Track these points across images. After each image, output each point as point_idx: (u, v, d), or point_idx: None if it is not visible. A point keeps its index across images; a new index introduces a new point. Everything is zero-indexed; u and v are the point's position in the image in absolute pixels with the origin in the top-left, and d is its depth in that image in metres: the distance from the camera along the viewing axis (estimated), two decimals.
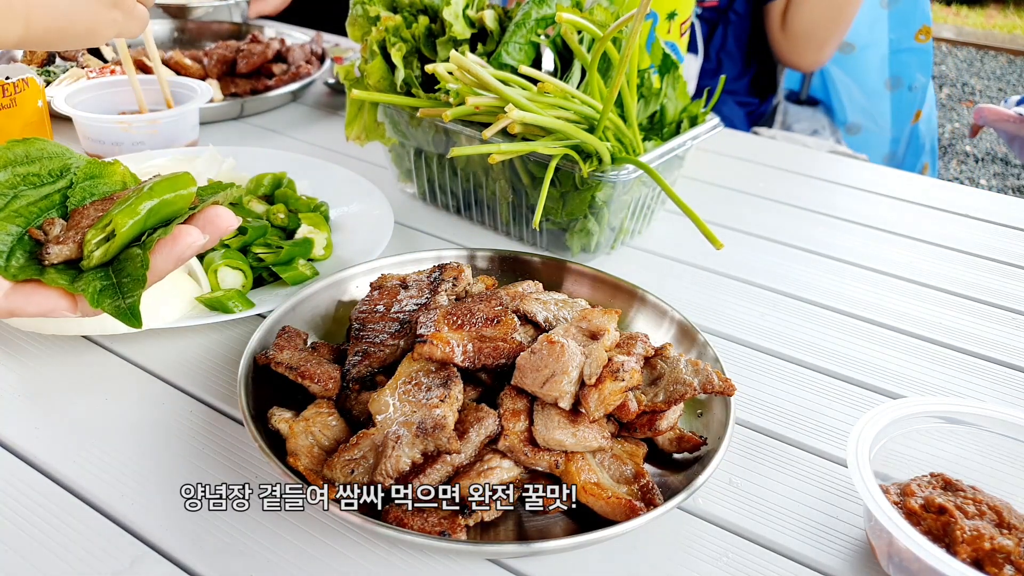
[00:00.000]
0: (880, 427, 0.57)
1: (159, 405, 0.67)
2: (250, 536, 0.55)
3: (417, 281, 0.70)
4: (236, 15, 1.69)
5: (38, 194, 0.50)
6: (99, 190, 0.53)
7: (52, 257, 0.47)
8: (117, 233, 0.47)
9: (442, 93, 0.87)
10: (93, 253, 0.47)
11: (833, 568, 0.55)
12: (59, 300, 0.47)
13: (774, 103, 1.81)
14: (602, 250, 0.92)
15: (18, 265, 0.47)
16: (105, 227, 0.47)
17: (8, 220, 0.49)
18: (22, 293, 0.47)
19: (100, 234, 0.47)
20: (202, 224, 0.50)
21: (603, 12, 0.88)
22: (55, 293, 0.47)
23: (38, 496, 0.57)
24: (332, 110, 1.34)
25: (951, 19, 6.14)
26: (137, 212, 0.47)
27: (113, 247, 0.47)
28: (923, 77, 1.72)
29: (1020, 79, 4.98)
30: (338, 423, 0.58)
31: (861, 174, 1.21)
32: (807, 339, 0.81)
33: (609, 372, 0.54)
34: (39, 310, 0.47)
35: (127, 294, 0.46)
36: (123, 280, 0.46)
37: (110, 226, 0.47)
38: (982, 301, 0.89)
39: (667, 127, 0.96)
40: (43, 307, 0.47)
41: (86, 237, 0.47)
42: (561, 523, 0.56)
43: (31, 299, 0.47)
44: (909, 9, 1.71)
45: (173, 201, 0.49)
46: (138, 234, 0.48)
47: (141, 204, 0.47)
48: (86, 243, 0.47)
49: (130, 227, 0.47)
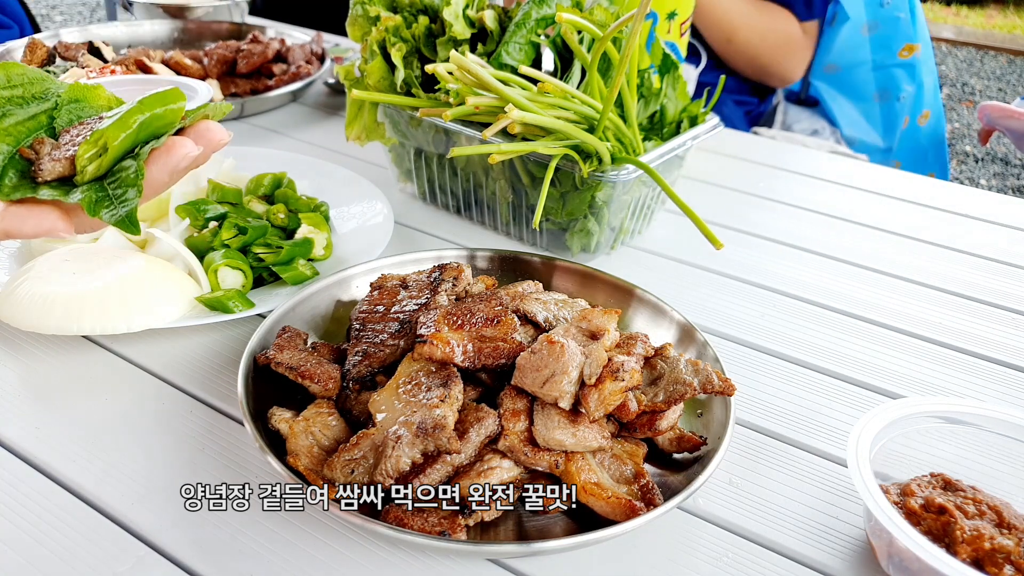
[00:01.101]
0: (880, 427, 0.57)
1: (159, 405, 0.67)
2: (250, 536, 0.55)
3: (417, 281, 0.70)
4: (236, 15, 1.69)
5: (25, 114, 0.50)
6: (85, 112, 0.53)
7: (45, 174, 0.47)
8: (109, 147, 0.46)
9: (442, 93, 0.87)
10: (86, 168, 0.46)
11: (833, 568, 0.55)
12: (56, 219, 0.47)
13: (774, 103, 1.81)
14: (602, 250, 0.92)
15: (11, 184, 0.46)
16: (97, 141, 0.46)
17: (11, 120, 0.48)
18: (17, 215, 0.47)
19: (92, 148, 0.46)
20: (195, 137, 0.50)
21: (603, 12, 0.88)
22: (51, 212, 0.47)
23: (38, 496, 0.57)
24: (332, 110, 1.34)
25: (951, 19, 6.13)
26: (128, 125, 0.46)
27: (106, 161, 0.47)
28: (910, 87, 1.74)
29: (1020, 79, 4.98)
30: (338, 423, 0.58)
31: (861, 174, 1.21)
32: (807, 339, 0.81)
33: (609, 372, 0.54)
34: (36, 230, 0.47)
35: (123, 202, 0.46)
36: (117, 191, 0.46)
37: (102, 140, 0.46)
38: (982, 301, 0.89)
39: (667, 127, 0.96)
40: (40, 227, 0.47)
41: (78, 152, 0.47)
42: (561, 523, 0.56)
43: (27, 220, 0.47)
44: (890, 34, 1.74)
45: (163, 115, 0.48)
46: (130, 147, 0.48)
47: (132, 118, 0.46)
48: (78, 158, 0.46)
49: (122, 140, 0.46)
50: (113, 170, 0.47)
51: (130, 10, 1.67)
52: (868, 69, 1.75)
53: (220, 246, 0.80)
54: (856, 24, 1.72)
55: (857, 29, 1.73)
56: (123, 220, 0.45)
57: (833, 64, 1.74)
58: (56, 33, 1.42)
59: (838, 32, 1.74)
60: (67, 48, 1.33)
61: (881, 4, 1.71)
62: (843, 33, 1.73)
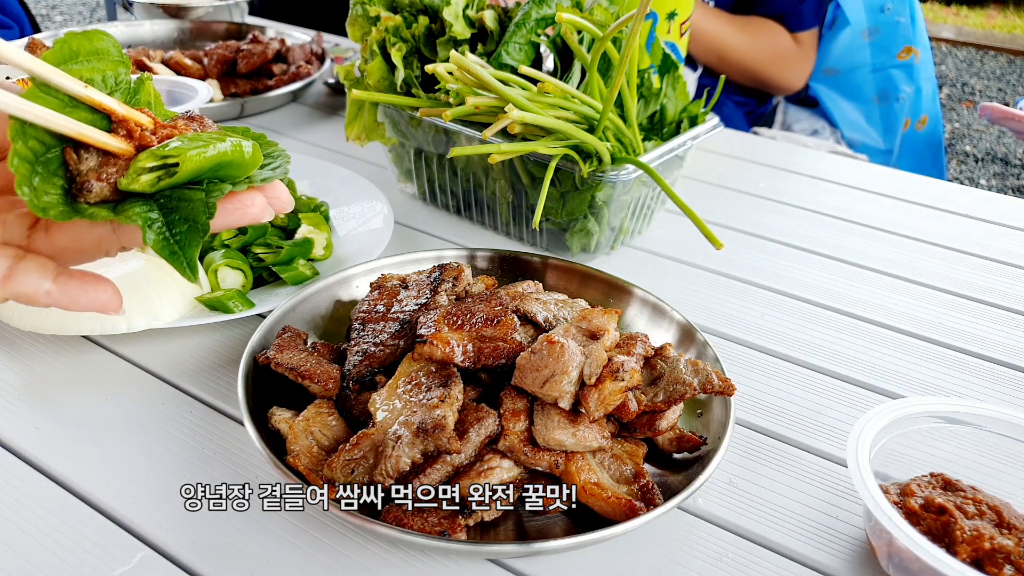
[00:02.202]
0: (880, 427, 0.57)
1: (159, 405, 0.67)
2: (250, 536, 0.55)
3: (417, 281, 0.70)
4: (236, 15, 1.69)
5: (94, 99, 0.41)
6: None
7: (91, 196, 0.39)
8: (181, 169, 0.39)
9: (442, 93, 0.87)
10: (139, 177, 0.39)
11: (833, 568, 0.55)
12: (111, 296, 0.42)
13: (773, 103, 1.82)
14: (602, 250, 0.92)
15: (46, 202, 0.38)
16: (166, 157, 0.39)
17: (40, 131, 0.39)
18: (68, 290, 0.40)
19: (155, 161, 0.39)
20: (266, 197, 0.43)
21: (603, 12, 0.88)
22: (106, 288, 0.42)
23: (38, 496, 0.57)
24: (332, 110, 1.34)
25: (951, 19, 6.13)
26: (204, 155, 0.39)
27: (167, 181, 0.40)
28: (909, 87, 1.74)
29: (1020, 79, 4.98)
30: (338, 423, 0.58)
31: (861, 174, 1.21)
32: (807, 339, 0.81)
33: (609, 372, 0.54)
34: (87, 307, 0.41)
35: (183, 242, 0.39)
36: (175, 220, 0.40)
37: (173, 157, 0.39)
38: (982, 301, 0.89)
39: (667, 127, 0.96)
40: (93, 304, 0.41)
41: (137, 158, 0.39)
42: (561, 523, 0.56)
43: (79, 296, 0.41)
44: (890, 37, 1.74)
45: (244, 161, 0.41)
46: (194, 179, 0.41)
47: (211, 147, 0.40)
48: (135, 161, 0.39)
49: (194, 169, 0.39)
50: (172, 195, 0.40)
51: (130, 10, 1.67)
52: (867, 72, 1.76)
53: (220, 246, 0.80)
54: (857, 29, 1.73)
55: (858, 34, 1.73)
56: (180, 262, 0.39)
57: (832, 68, 1.75)
58: (56, 33, 1.42)
59: (837, 36, 1.75)
60: None
61: (882, 9, 1.72)
62: (843, 38, 1.74)
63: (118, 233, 0.41)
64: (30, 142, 0.38)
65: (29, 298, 0.40)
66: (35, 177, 0.38)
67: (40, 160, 0.38)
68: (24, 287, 0.39)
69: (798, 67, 1.69)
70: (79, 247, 0.41)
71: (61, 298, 0.40)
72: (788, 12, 1.63)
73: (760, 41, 1.63)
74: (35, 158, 0.38)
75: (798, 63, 1.68)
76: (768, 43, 1.63)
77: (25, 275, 0.39)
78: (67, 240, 0.41)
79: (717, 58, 1.60)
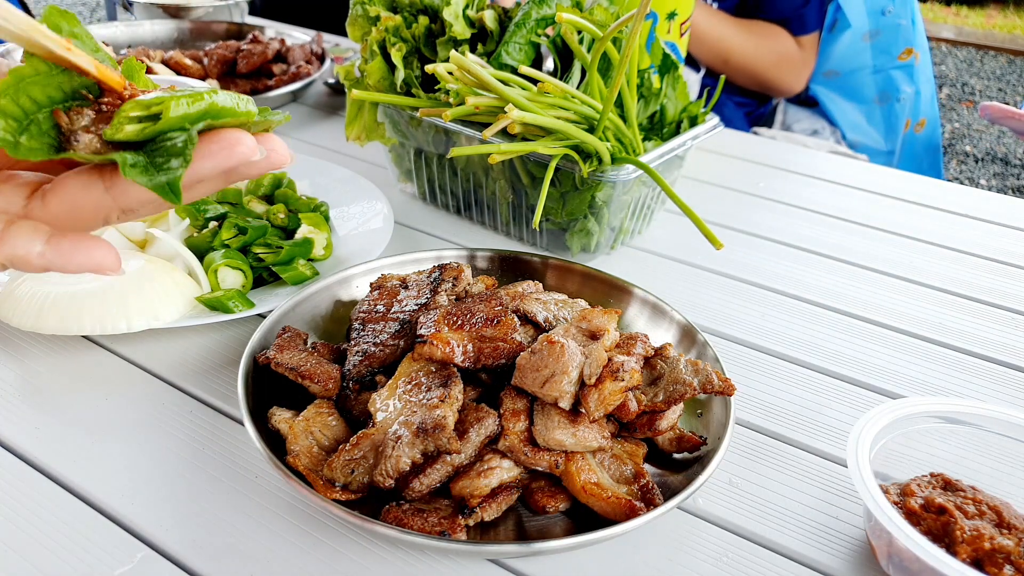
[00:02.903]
0: (880, 427, 0.57)
1: (159, 405, 0.67)
2: (250, 536, 0.55)
3: (417, 281, 0.70)
4: (236, 15, 1.69)
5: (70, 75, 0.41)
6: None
7: (79, 147, 0.39)
8: (164, 116, 0.39)
9: (442, 93, 0.87)
10: (124, 125, 0.39)
11: (833, 568, 0.55)
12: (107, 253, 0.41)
13: (773, 104, 1.82)
14: (602, 250, 0.92)
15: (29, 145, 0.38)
16: (149, 106, 0.39)
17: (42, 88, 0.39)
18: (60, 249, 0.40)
19: (140, 110, 0.39)
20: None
21: (603, 12, 0.88)
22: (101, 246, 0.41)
23: (38, 496, 0.57)
24: (332, 110, 1.34)
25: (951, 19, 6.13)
26: (192, 104, 0.39)
27: (151, 129, 0.39)
28: (909, 88, 1.75)
29: (1020, 79, 4.98)
30: (338, 423, 0.58)
31: (861, 174, 1.21)
32: (807, 339, 0.81)
33: (609, 372, 0.54)
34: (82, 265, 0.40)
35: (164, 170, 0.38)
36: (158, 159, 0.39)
37: (158, 107, 0.39)
38: (982, 301, 0.89)
39: (667, 127, 0.96)
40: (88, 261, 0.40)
41: (122, 107, 0.39)
42: (561, 523, 0.56)
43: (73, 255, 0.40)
44: (891, 39, 1.75)
45: (231, 111, 0.41)
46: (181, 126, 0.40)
47: (198, 101, 0.39)
48: (119, 113, 0.39)
49: (179, 116, 0.39)
50: (156, 139, 0.40)
51: (130, 10, 1.67)
52: (868, 73, 1.76)
53: (220, 246, 0.80)
54: (858, 32, 1.73)
55: (859, 37, 1.74)
56: (163, 186, 0.38)
57: (832, 70, 1.76)
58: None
59: (838, 39, 1.75)
60: None
61: (883, 12, 1.72)
62: (844, 40, 1.74)
63: (113, 194, 0.40)
64: (21, 98, 0.38)
65: (23, 261, 0.39)
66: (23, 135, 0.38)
67: (29, 118, 0.39)
68: (17, 248, 0.39)
69: (800, 71, 1.70)
70: (77, 215, 0.40)
71: (55, 259, 0.40)
72: (791, 16, 1.63)
73: (765, 45, 1.63)
74: (25, 116, 0.38)
75: (800, 67, 1.69)
76: (772, 47, 1.64)
77: (16, 237, 0.39)
78: (64, 208, 0.40)
79: (721, 61, 1.61)
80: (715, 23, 1.58)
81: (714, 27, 1.58)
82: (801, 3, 1.62)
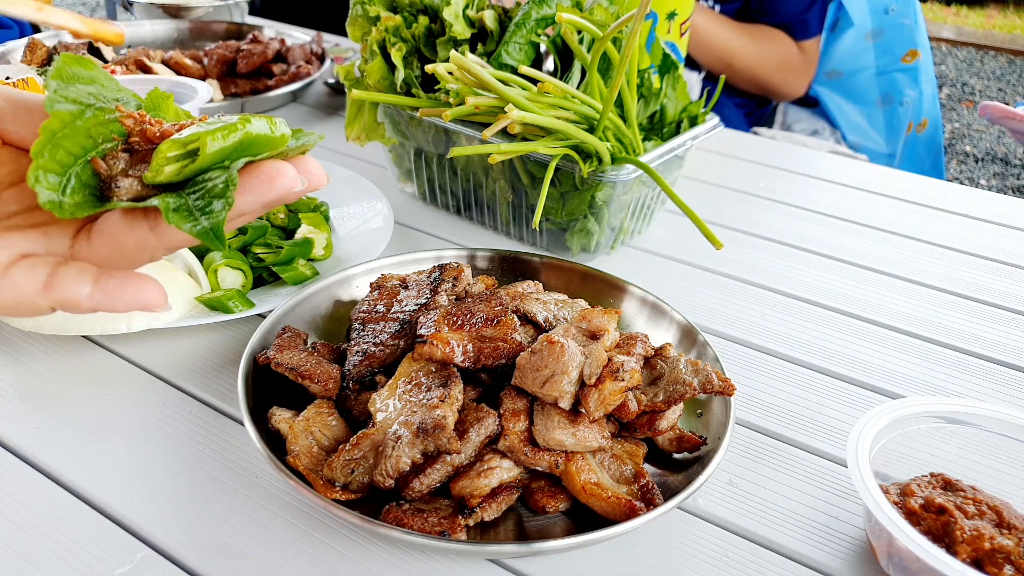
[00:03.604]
0: (880, 427, 0.57)
1: (159, 405, 0.67)
2: (250, 536, 0.55)
3: (417, 281, 0.70)
4: (236, 15, 1.69)
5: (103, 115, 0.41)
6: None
7: (121, 192, 0.39)
8: (202, 153, 0.38)
9: (442, 93, 0.87)
10: (163, 167, 0.39)
11: (833, 568, 0.55)
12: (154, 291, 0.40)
13: (773, 104, 1.82)
14: (602, 250, 0.92)
15: (74, 201, 0.38)
16: (187, 144, 0.39)
17: (73, 139, 0.39)
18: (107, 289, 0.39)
19: (179, 149, 0.39)
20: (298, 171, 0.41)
21: (603, 12, 0.88)
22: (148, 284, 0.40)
23: (38, 496, 0.57)
24: (332, 110, 1.34)
25: (951, 19, 6.13)
26: (227, 137, 0.39)
27: (190, 168, 0.39)
28: (912, 91, 1.74)
29: (1020, 79, 4.98)
30: (338, 423, 0.58)
31: (861, 174, 1.21)
32: (807, 339, 0.81)
33: (609, 372, 0.54)
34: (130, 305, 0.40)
35: (207, 213, 0.38)
36: (199, 203, 0.38)
37: (194, 144, 0.39)
38: (982, 301, 0.89)
39: (667, 127, 0.96)
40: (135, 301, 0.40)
41: (159, 148, 0.39)
42: (561, 523, 0.56)
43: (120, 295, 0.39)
44: (894, 39, 1.74)
45: (267, 139, 0.40)
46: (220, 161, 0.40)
47: (234, 132, 0.39)
48: (157, 154, 0.39)
49: (216, 152, 0.39)
50: (196, 179, 0.40)
51: (130, 10, 1.67)
52: (871, 75, 1.75)
53: None
54: (860, 31, 1.73)
55: (861, 36, 1.73)
56: (207, 232, 0.37)
57: (835, 70, 1.75)
58: (56, 33, 1.42)
59: (840, 38, 1.75)
60: (67, 48, 1.33)
61: (886, 11, 1.72)
62: (846, 39, 1.74)
63: (157, 233, 0.40)
64: (59, 154, 0.38)
65: (71, 304, 0.39)
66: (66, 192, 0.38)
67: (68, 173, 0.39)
68: (66, 293, 0.38)
69: (802, 75, 1.70)
70: (122, 255, 0.40)
71: (104, 300, 0.39)
72: (794, 21, 1.63)
73: (769, 50, 1.63)
74: (64, 171, 0.38)
75: (802, 71, 1.69)
76: (776, 52, 1.64)
77: (65, 280, 0.39)
78: (108, 248, 0.40)
79: (724, 66, 1.61)
80: (718, 28, 1.58)
81: (718, 32, 1.58)
82: (804, 8, 1.62)
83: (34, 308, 0.39)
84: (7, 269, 0.38)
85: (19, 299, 0.39)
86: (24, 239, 0.40)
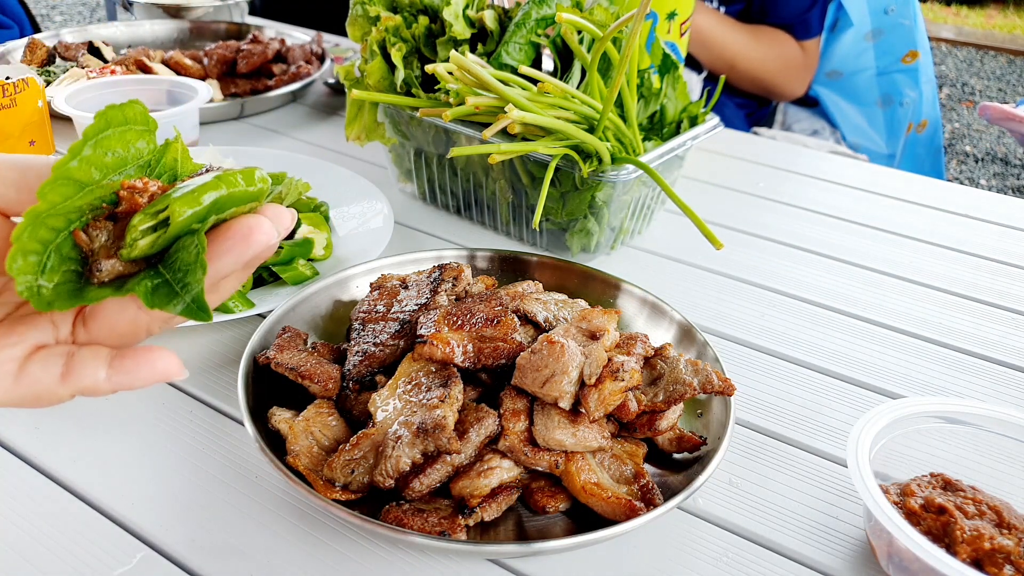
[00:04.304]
0: (880, 427, 0.57)
1: (159, 405, 0.67)
2: (250, 536, 0.55)
3: (417, 281, 0.70)
4: (236, 15, 1.69)
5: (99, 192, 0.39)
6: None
7: (102, 275, 0.38)
8: (172, 222, 0.37)
9: (442, 93, 0.87)
10: (137, 242, 0.37)
11: (833, 568, 0.55)
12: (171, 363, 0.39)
13: (774, 104, 1.82)
14: (602, 250, 0.92)
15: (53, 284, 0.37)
16: (157, 213, 0.38)
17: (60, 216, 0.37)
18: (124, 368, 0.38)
19: (150, 220, 0.38)
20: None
21: (603, 12, 0.88)
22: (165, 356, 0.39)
23: (38, 496, 0.57)
24: (332, 110, 1.34)
25: (951, 19, 6.14)
26: (199, 201, 0.37)
27: (163, 239, 0.38)
28: (913, 92, 1.75)
29: (1020, 79, 4.98)
30: (338, 423, 0.58)
31: (861, 174, 1.21)
32: (807, 339, 0.81)
33: (609, 372, 0.54)
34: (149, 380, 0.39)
35: (185, 286, 0.37)
36: (177, 275, 0.37)
37: (164, 213, 0.37)
38: (982, 301, 0.89)
39: (667, 127, 0.96)
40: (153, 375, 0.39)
41: (131, 222, 0.38)
42: (561, 523, 0.56)
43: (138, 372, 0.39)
44: (894, 40, 1.74)
45: (242, 196, 0.39)
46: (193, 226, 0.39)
47: (204, 194, 0.37)
48: (130, 228, 0.38)
49: (188, 217, 0.37)
50: (170, 250, 0.38)
51: (130, 10, 1.67)
52: (871, 75, 1.76)
53: None
54: (860, 31, 1.73)
55: (861, 36, 1.74)
56: (189, 307, 0.36)
57: (835, 70, 1.75)
58: (56, 33, 1.42)
59: (840, 38, 1.75)
60: (67, 48, 1.33)
61: (886, 11, 1.72)
62: (846, 40, 1.74)
63: (146, 312, 0.39)
64: (40, 231, 0.36)
65: (91, 390, 0.38)
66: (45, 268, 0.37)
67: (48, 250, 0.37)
68: (84, 381, 0.38)
69: (803, 76, 1.70)
70: (117, 333, 0.40)
71: (123, 380, 0.39)
72: (796, 22, 1.63)
73: (773, 51, 1.63)
74: (44, 248, 0.37)
75: (804, 71, 1.70)
76: (778, 53, 1.64)
77: (81, 368, 0.38)
78: (104, 331, 0.40)
79: (729, 67, 1.61)
80: (722, 29, 1.58)
81: (723, 33, 1.57)
82: (806, 8, 1.62)
83: (55, 398, 0.39)
84: (24, 364, 0.38)
85: (40, 393, 0.38)
86: (35, 329, 0.39)
